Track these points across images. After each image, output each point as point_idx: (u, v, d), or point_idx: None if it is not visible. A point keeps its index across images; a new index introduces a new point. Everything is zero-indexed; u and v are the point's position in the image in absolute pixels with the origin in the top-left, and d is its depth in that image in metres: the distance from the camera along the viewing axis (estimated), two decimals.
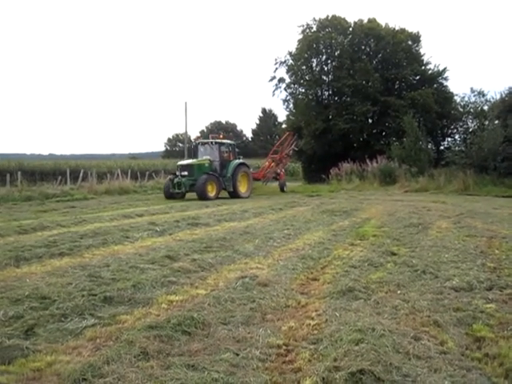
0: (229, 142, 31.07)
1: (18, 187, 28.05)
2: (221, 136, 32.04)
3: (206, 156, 29.07)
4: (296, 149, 37.28)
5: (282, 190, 33.33)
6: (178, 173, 27.97)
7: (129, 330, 5.49)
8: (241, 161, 30.25)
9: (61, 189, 29.26)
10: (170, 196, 27.22)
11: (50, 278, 7.90)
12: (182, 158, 60.13)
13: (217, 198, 26.72)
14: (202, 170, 27.59)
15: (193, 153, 29.81)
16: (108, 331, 5.53)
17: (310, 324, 5.83)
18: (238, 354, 4.85)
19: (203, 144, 30.32)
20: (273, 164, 34.72)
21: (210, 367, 4.49)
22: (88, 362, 4.56)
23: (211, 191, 26.81)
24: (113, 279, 7.73)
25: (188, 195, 27.67)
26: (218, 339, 5.26)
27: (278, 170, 34.35)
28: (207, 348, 5.03)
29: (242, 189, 29.41)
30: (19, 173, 30.18)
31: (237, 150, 31.59)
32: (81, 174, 32.67)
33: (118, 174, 35.03)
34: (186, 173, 27.52)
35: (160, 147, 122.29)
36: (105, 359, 4.62)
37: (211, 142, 29.80)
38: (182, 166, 28.47)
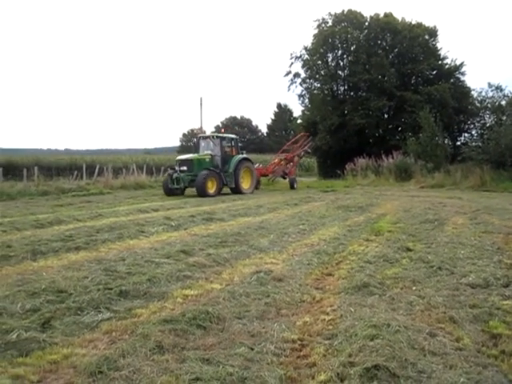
0: (231, 136, 30.23)
1: (35, 182, 28.26)
2: (222, 131, 31.20)
3: (207, 151, 28.15)
4: (309, 151, 36.74)
5: (292, 187, 32.34)
6: (177, 168, 26.89)
7: (144, 323, 5.51)
8: (244, 156, 29.40)
9: (77, 184, 29.47)
10: (169, 192, 26.20)
11: (66, 271, 7.96)
12: (197, 152, 60.53)
13: (218, 194, 25.90)
14: (202, 165, 26.65)
15: (194, 148, 28.83)
16: (123, 325, 5.56)
17: (324, 319, 5.81)
18: (252, 349, 4.85)
19: (204, 138, 29.33)
20: (282, 162, 34.22)
21: (225, 361, 4.50)
22: (104, 355, 4.59)
23: (211, 187, 25.82)
24: (128, 273, 7.77)
25: (188, 192, 26.99)
26: (233, 333, 5.27)
27: (287, 170, 33.75)
28: (222, 342, 5.04)
29: (245, 185, 28.51)
30: (36, 168, 30.39)
31: (240, 144, 30.72)
32: (97, 169, 32.81)
33: (133, 169, 35.14)
34: (185, 168, 26.52)
35: (175, 142, 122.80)
36: (120, 352, 4.65)
37: (212, 137, 28.88)
38: (181, 160, 27.37)
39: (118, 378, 4.19)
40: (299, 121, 58.42)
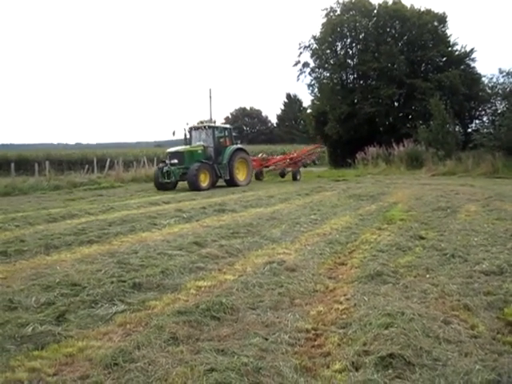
0: (224, 126, 28.95)
1: (46, 176, 28.41)
2: (214, 122, 29.38)
3: (199, 142, 26.82)
4: (316, 162, 35.17)
5: (294, 178, 31.15)
6: (167, 161, 25.54)
7: (158, 315, 5.54)
8: (238, 146, 28.15)
9: (88, 177, 29.57)
10: (160, 186, 24.93)
11: (79, 265, 8.00)
12: None
13: (211, 187, 24.97)
14: (194, 157, 25.35)
15: (185, 140, 27.28)
16: (138, 317, 5.58)
17: (338, 308, 5.81)
18: (267, 339, 4.86)
19: (196, 129, 27.58)
20: (285, 162, 32.82)
21: (240, 352, 4.51)
22: (119, 347, 4.61)
23: (204, 180, 24.64)
24: (141, 266, 7.80)
25: (180, 186, 25.91)
26: (247, 324, 5.28)
27: (285, 171, 32.06)
28: (236, 333, 5.05)
29: (240, 176, 27.34)
30: (47, 162, 30.53)
31: (234, 134, 29.21)
32: (107, 163, 32.91)
33: (144, 162, 35.21)
34: (175, 161, 25.12)
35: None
36: (135, 344, 4.68)
37: (204, 127, 27.30)
38: (172, 153, 25.91)
39: (134, 370, 4.21)
40: (309, 110, 58.22)
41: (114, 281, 6.86)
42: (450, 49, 47.78)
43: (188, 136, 27.23)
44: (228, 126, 29.35)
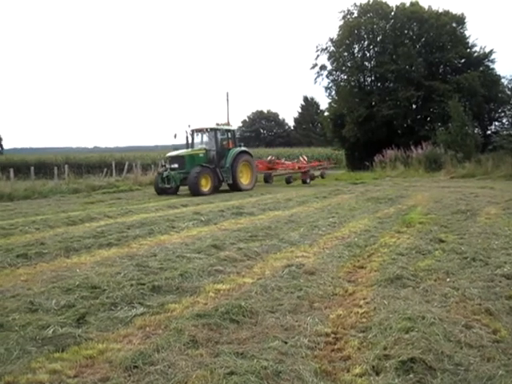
0: (227, 127, 27.54)
1: (66, 180, 28.69)
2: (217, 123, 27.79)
3: (201, 145, 26.10)
4: (322, 177, 32.91)
5: (304, 181, 30.66)
6: (167, 165, 24.69)
7: (177, 318, 5.54)
8: (242, 148, 27.00)
9: (107, 181, 29.76)
10: (160, 192, 24.23)
11: (99, 267, 8.04)
12: None
13: (214, 192, 24.12)
14: (195, 161, 24.48)
15: (187, 143, 26.23)
16: (157, 320, 5.59)
17: (358, 312, 5.78)
18: (286, 342, 4.84)
19: (198, 132, 26.70)
20: (294, 169, 31.95)
21: (259, 355, 4.50)
22: (138, 350, 4.62)
23: (205, 185, 23.76)
24: (160, 268, 7.82)
25: (181, 190, 25.29)
26: (266, 327, 5.27)
27: (291, 179, 30.98)
28: (255, 336, 5.04)
29: (244, 180, 26.34)
30: (66, 166, 30.82)
31: (237, 136, 27.89)
32: (126, 166, 33.12)
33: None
34: (176, 165, 24.36)
35: None
36: (155, 347, 4.68)
37: (206, 129, 26.41)
38: (172, 157, 25.08)
39: (153, 373, 4.21)
40: (326, 113, 58.14)
41: (134, 283, 6.88)
42: (468, 50, 47.48)
43: (190, 139, 26.39)
44: (230, 127, 28.18)
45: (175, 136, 25.95)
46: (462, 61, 47.35)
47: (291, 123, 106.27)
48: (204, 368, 4.26)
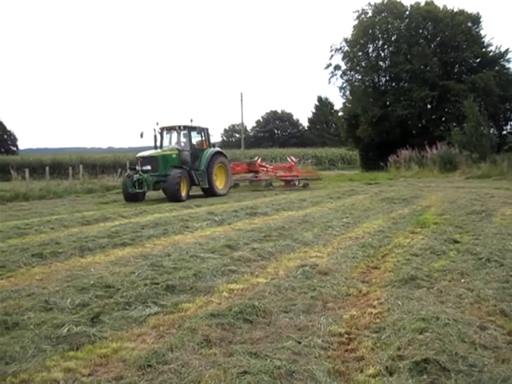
0: (201, 126, 24.58)
1: (80, 180, 28.88)
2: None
3: (172, 145, 23.81)
4: (304, 187, 27.80)
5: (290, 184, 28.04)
6: (138, 167, 21.98)
7: (191, 317, 5.55)
8: (217, 149, 24.79)
9: (121, 181, 29.85)
10: (130, 198, 21.48)
11: (113, 267, 8.07)
12: (239, 147, 60.59)
13: (188, 197, 21.73)
14: (168, 162, 22.03)
15: (155, 142, 23.46)
16: (171, 319, 5.61)
17: (371, 312, 5.75)
18: (299, 342, 4.83)
19: (169, 130, 24.17)
20: (276, 173, 29.11)
21: (273, 355, 4.49)
22: (152, 349, 4.63)
23: (183, 190, 21.43)
24: (174, 268, 7.83)
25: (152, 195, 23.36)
26: (280, 327, 5.26)
27: (272, 183, 28.00)
28: (269, 336, 5.03)
29: (219, 184, 24.07)
30: (81, 166, 31.01)
31: (211, 135, 24.96)
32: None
33: None
34: (148, 167, 21.72)
35: (216, 138, 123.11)
36: (168, 346, 4.69)
37: (178, 127, 23.95)
38: (143, 158, 22.23)
39: (167, 372, 4.22)
40: (340, 113, 58.17)
41: (148, 283, 6.90)
42: (484, 50, 47.32)
43: (159, 138, 23.72)
44: (204, 126, 24.86)
45: (142, 135, 23.27)
46: (478, 60, 47.16)
47: (305, 123, 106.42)
48: (217, 367, 4.25)
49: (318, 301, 6.20)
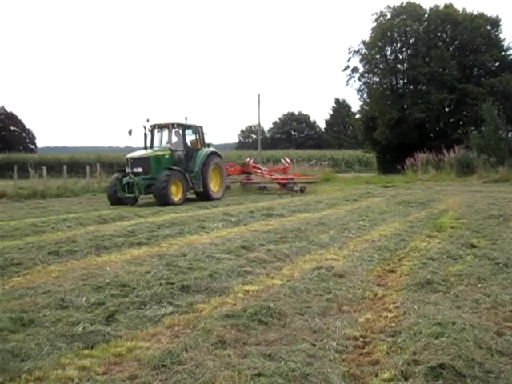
0: (195, 124, 22.32)
1: (97, 179, 29.03)
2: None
3: (164, 145, 21.97)
4: (301, 191, 25.58)
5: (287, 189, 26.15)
6: (128, 169, 20.06)
7: (206, 318, 5.55)
8: (212, 149, 22.79)
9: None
10: (116, 201, 19.57)
11: (129, 266, 8.09)
12: (255, 149, 60.51)
13: (184, 202, 19.93)
14: (161, 163, 20.29)
15: (145, 141, 21.85)
16: (186, 319, 5.61)
17: (387, 316, 5.72)
18: (314, 345, 4.81)
19: (160, 128, 22.12)
20: (271, 175, 27.62)
21: (287, 357, 4.47)
22: (167, 349, 4.63)
23: (176, 193, 19.65)
24: (189, 268, 7.84)
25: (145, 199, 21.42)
26: (295, 329, 5.24)
27: (266, 187, 27.03)
28: (284, 338, 5.02)
29: (214, 187, 22.25)
30: (98, 165, 31.14)
31: (206, 134, 22.93)
32: None
33: None
34: (139, 169, 19.85)
35: (233, 139, 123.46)
36: (183, 346, 4.69)
37: (172, 125, 21.89)
38: (134, 159, 20.27)
39: (181, 372, 4.22)
40: (358, 116, 58.02)
41: (163, 283, 6.91)
42: (503, 53, 47.00)
43: (149, 136, 22.01)
44: (198, 124, 22.67)
45: (130, 132, 21.37)
46: (497, 64, 46.81)
47: (322, 125, 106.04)
48: (232, 369, 4.25)
49: (334, 303, 6.18)
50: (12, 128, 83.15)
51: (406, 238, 10.82)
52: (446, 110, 47.79)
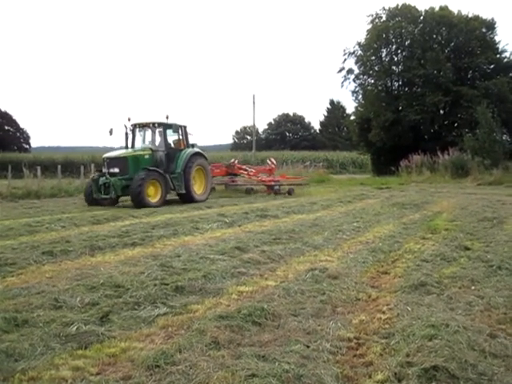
0: (177, 123, 21.31)
1: None
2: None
3: (145, 145, 21.21)
4: (289, 194, 25.04)
5: (275, 192, 25.18)
6: (104, 169, 19.58)
7: (200, 319, 5.54)
8: (196, 150, 21.92)
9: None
10: (93, 203, 19.25)
11: (123, 266, 8.07)
12: (250, 150, 60.41)
13: (163, 204, 19.21)
14: (140, 164, 19.51)
15: (126, 140, 21.14)
16: (180, 320, 5.61)
17: (381, 318, 5.72)
18: (308, 346, 4.81)
19: (141, 127, 21.32)
20: (257, 177, 26.93)
21: (281, 358, 4.48)
22: (161, 350, 4.63)
23: (153, 195, 18.96)
24: (184, 269, 7.83)
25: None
26: (289, 331, 5.25)
27: (252, 189, 26.08)
28: (277, 339, 5.02)
29: (197, 189, 21.46)
30: (92, 165, 31.03)
31: (190, 134, 22.28)
32: None
33: None
34: (116, 169, 19.26)
35: (228, 140, 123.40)
36: (177, 347, 4.68)
37: (153, 124, 21.03)
38: (111, 159, 19.71)
39: (175, 373, 4.22)
40: (352, 117, 58.13)
41: (157, 283, 6.90)
42: (498, 56, 47.19)
43: (130, 136, 21.26)
44: (182, 124, 21.77)
45: (111, 132, 20.74)
46: (492, 66, 46.99)
47: (317, 126, 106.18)
48: (225, 370, 4.25)
49: (328, 305, 6.18)
50: (6, 128, 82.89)
51: (400, 240, 10.83)
52: (441, 112, 47.95)
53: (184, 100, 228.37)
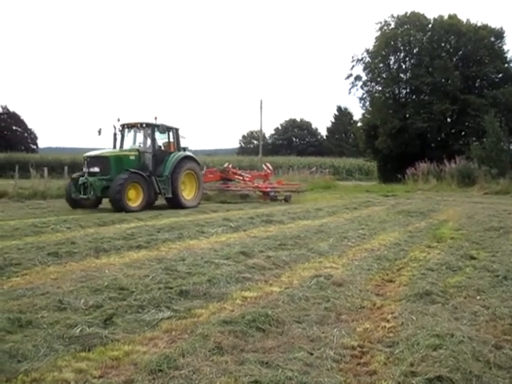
0: (167, 125, 20.62)
1: None
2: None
3: (134, 145, 20.44)
4: (285, 200, 24.51)
5: (271, 198, 24.97)
6: (84, 169, 18.94)
7: (204, 324, 5.53)
8: (186, 153, 21.04)
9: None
10: (74, 204, 18.75)
11: (127, 269, 8.08)
12: (257, 154, 60.42)
13: (146, 208, 18.35)
14: (123, 165, 18.71)
15: (114, 141, 20.55)
16: (183, 324, 5.59)
17: (385, 326, 5.69)
18: (312, 354, 4.79)
19: (130, 128, 20.53)
20: (252, 183, 26.24)
21: (284, 365, 4.46)
22: (164, 354, 4.61)
23: (134, 199, 18.08)
24: (188, 273, 7.82)
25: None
26: (292, 337, 5.22)
27: (247, 194, 25.61)
28: (281, 346, 5.00)
29: (187, 194, 20.65)
30: None
31: (182, 137, 21.59)
32: None
33: None
34: (96, 169, 18.59)
35: (235, 144, 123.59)
36: (180, 352, 4.67)
37: (141, 125, 20.19)
38: (91, 158, 19.03)
39: (178, 377, 4.20)
40: (359, 124, 58.09)
41: (161, 287, 6.90)
42: (506, 65, 47.13)
43: (119, 136, 20.56)
44: (174, 126, 21.21)
45: (99, 132, 20.01)
46: (500, 75, 46.96)
47: (324, 132, 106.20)
48: (228, 375, 4.23)
49: (332, 312, 6.15)
50: (14, 128, 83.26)
51: (405, 248, 10.80)
52: (448, 120, 47.89)
53: (192, 104, 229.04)
